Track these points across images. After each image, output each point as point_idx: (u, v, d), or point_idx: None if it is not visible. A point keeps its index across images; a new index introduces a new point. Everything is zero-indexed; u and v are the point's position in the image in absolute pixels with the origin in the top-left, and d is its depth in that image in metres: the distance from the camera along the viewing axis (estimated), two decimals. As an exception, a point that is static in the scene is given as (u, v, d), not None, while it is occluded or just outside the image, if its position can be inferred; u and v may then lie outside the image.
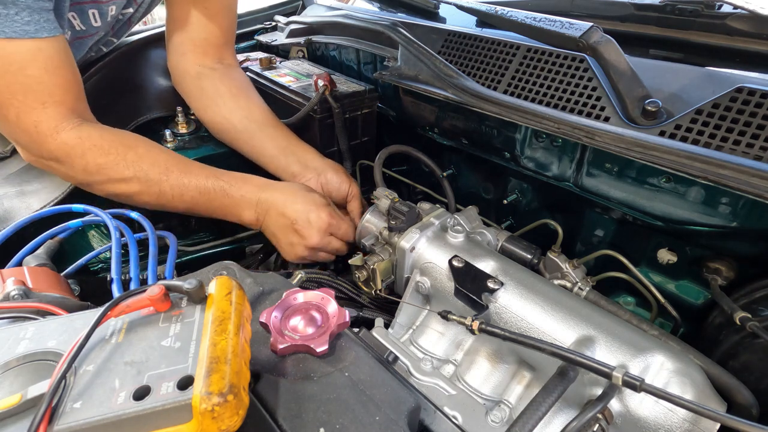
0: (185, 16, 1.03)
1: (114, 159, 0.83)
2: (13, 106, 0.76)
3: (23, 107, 0.76)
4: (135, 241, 0.75)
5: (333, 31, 1.26)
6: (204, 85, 1.07)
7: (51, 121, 0.79)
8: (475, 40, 0.91)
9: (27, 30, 0.71)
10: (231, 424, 0.35)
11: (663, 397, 0.44)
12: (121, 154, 0.83)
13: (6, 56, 0.72)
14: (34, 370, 0.37)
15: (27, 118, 0.77)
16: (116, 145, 0.84)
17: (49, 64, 0.75)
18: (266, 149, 1.05)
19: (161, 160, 0.87)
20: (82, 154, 0.81)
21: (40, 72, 0.75)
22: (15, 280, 0.59)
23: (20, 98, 0.76)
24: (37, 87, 0.76)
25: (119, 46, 1.15)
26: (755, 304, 0.63)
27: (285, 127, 1.08)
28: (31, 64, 0.74)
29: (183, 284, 0.42)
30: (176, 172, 0.87)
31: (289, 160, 1.03)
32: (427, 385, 0.66)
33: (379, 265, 0.79)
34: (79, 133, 0.81)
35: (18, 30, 0.70)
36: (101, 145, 0.82)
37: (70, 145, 0.80)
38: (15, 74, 0.73)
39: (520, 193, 1.00)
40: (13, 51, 0.72)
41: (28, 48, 0.73)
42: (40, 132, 0.79)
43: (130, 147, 0.85)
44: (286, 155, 1.04)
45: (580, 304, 0.65)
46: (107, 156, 0.82)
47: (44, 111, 0.78)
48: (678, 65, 0.73)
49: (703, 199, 0.65)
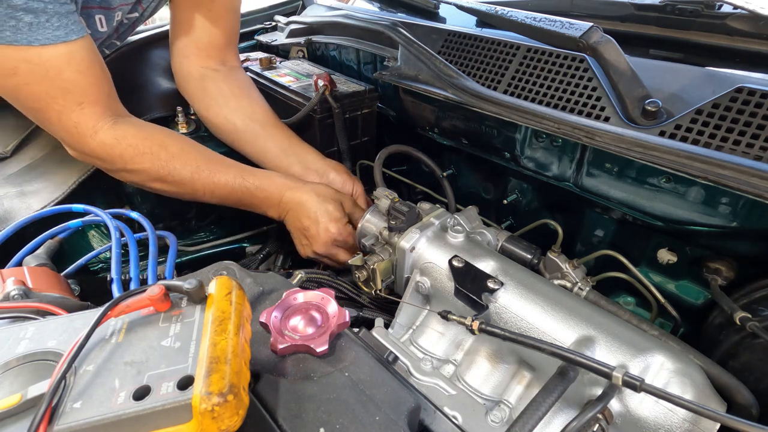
0: (189, 18, 1.04)
1: (149, 159, 0.88)
2: (54, 109, 0.80)
3: (63, 110, 0.80)
4: (135, 241, 0.75)
5: (333, 31, 1.26)
6: (207, 86, 1.08)
7: (89, 122, 0.83)
8: (475, 40, 0.91)
9: (58, 35, 0.74)
10: (231, 424, 0.35)
11: (663, 397, 0.44)
12: (155, 154, 0.88)
13: (43, 63, 0.75)
14: (34, 370, 0.37)
15: (68, 120, 0.82)
16: (150, 144, 0.88)
17: (81, 66, 0.79)
18: (268, 150, 1.06)
19: (192, 160, 0.91)
20: (120, 154, 0.86)
21: (75, 74, 0.78)
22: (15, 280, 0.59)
23: (60, 101, 0.79)
24: (73, 89, 0.79)
25: (119, 47, 1.15)
26: (755, 304, 0.63)
27: (287, 128, 1.09)
28: (67, 68, 0.77)
29: (183, 284, 0.42)
30: (206, 171, 0.92)
31: (291, 161, 1.04)
32: (427, 385, 0.66)
33: (379, 265, 0.79)
34: (115, 132, 0.85)
35: (50, 36, 0.73)
36: (136, 145, 0.87)
37: (108, 145, 0.85)
38: (53, 79, 0.77)
39: (520, 193, 1.00)
40: (49, 57, 0.75)
41: (62, 52, 0.76)
42: (81, 132, 0.83)
43: (163, 146, 0.89)
44: (288, 156, 1.04)
45: (580, 304, 0.65)
46: (143, 155, 0.87)
47: (82, 112, 0.82)
48: (678, 65, 0.73)
49: (703, 199, 0.65)
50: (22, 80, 0.75)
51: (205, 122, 1.12)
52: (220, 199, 0.95)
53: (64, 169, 0.96)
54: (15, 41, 0.70)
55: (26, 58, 0.73)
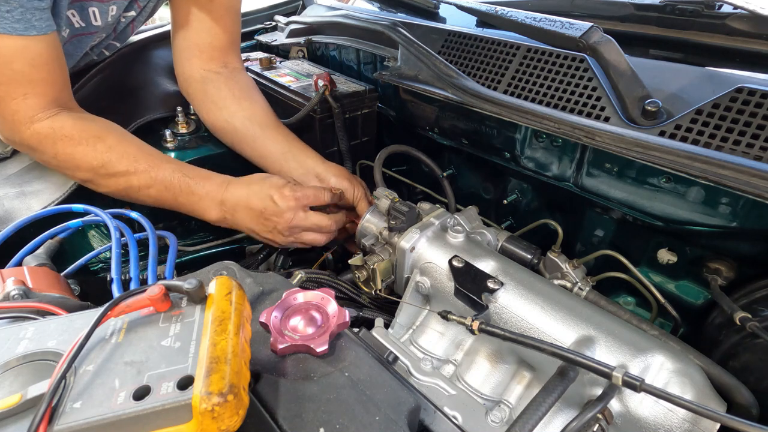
0: (190, 20, 1.04)
1: (83, 149, 0.84)
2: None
3: (5, 96, 0.79)
4: (135, 241, 0.75)
5: (333, 31, 1.26)
6: (208, 89, 1.08)
7: (28, 111, 0.81)
8: (475, 40, 0.91)
9: (16, 27, 0.73)
10: (231, 424, 0.35)
11: (663, 397, 0.44)
12: (90, 145, 0.85)
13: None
14: (34, 370, 0.37)
15: (6, 107, 0.80)
16: (87, 136, 0.85)
17: (36, 60, 0.78)
18: (268, 152, 1.06)
19: (130, 153, 0.88)
20: (53, 144, 0.83)
21: (25, 67, 0.77)
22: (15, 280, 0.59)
23: (3, 88, 0.78)
24: (20, 80, 0.78)
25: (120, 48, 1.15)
26: (755, 304, 0.63)
27: (288, 130, 1.08)
28: (17, 59, 0.76)
29: (183, 284, 0.42)
30: (144, 164, 0.88)
31: (291, 165, 1.04)
32: (427, 385, 0.66)
33: (379, 265, 0.79)
34: (53, 123, 0.83)
35: (7, 27, 0.72)
36: (72, 135, 0.84)
37: (42, 135, 0.82)
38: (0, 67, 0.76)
39: (520, 193, 1.00)
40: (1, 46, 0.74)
41: (15, 44, 0.75)
42: (17, 119, 0.81)
43: (100, 138, 0.86)
44: (287, 159, 1.04)
45: (580, 304, 0.65)
46: (77, 146, 0.84)
47: (24, 101, 0.80)
48: (678, 65, 0.73)
49: (703, 200, 0.65)
50: None
51: (206, 124, 1.12)
52: (157, 197, 0.90)
53: (64, 169, 0.96)
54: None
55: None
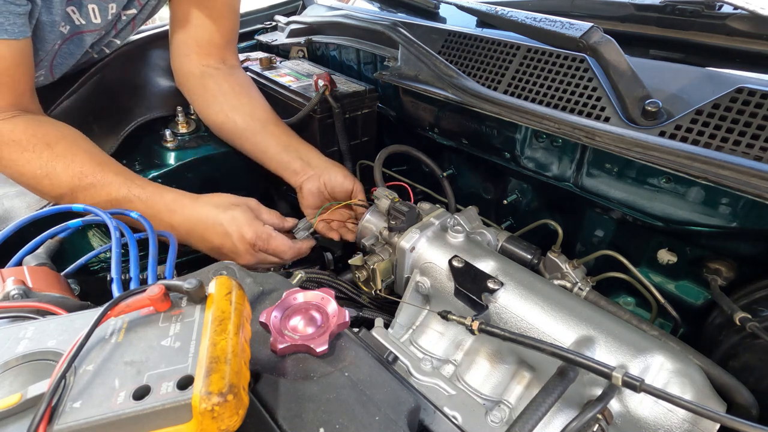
0: (189, 17, 1.04)
1: (29, 156, 0.80)
2: None
3: None
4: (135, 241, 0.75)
5: (333, 31, 1.26)
6: (207, 84, 1.07)
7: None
8: (475, 40, 0.91)
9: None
10: (231, 424, 0.35)
11: (663, 397, 0.44)
12: (37, 152, 0.80)
13: None
14: (33, 370, 0.37)
15: None
16: (35, 142, 0.81)
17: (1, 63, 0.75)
18: (268, 147, 1.05)
19: (77, 163, 0.82)
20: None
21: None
22: (15, 280, 0.59)
23: None
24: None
25: (120, 46, 1.15)
26: (755, 305, 0.63)
27: (287, 126, 1.08)
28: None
29: (183, 284, 0.42)
30: (90, 178, 0.82)
31: (291, 157, 1.03)
32: (427, 385, 0.66)
33: (379, 265, 0.79)
34: (4, 125, 0.80)
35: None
36: (20, 140, 0.80)
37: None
38: None
39: (520, 193, 1.00)
40: None
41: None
42: None
43: (49, 145, 0.81)
44: (288, 152, 1.04)
45: (580, 304, 0.65)
46: (23, 152, 0.80)
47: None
48: (678, 65, 0.73)
49: (703, 200, 0.65)
50: None
51: (205, 120, 1.12)
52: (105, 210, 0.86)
53: (64, 168, 0.96)
54: None
55: None
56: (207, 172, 1.10)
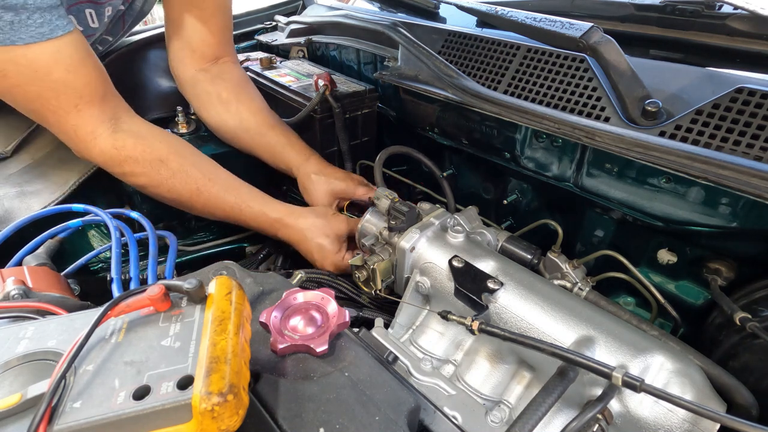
0: (181, 18, 1.03)
1: (148, 174, 0.87)
2: (50, 111, 0.78)
3: (59, 110, 0.78)
4: (135, 241, 0.75)
5: (333, 31, 1.26)
6: (202, 89, 1.08)
7: (87, 126, 0.81)
8: (475, 40, 0.91)
9: (42, 32, 0.70)
10: (231, 424, 0.35)
11: (663, 397, 0.44)
12: (155, 169, 0.87)
13: (29, 63, 0.71)
14: (34, 370, 0.37)
15: (65, 123, 0.80)
16: (149, 159, 0.87)
17: (70, 64, 0.76)
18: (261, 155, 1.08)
19: (192, 180, 0.90)
20: (120, 164, 0.85)
21: (65, 74, 0.75)
22: (15, 280, 0.59)
23: (54, 103, 0.77)
24: (65, 90, 0.77)
25: (118, 48, 1.15)
26: (755, 305, 0.63)
27: (282, 127, 1.09)
28: (55, 67, 0.74)
29: (183, 284, 0.42)
30: (206, 195, 0.91)
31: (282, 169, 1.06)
32: (427, 385, 0.66)
33: (379, 265, 0.79)
34: (115, 141, 0.84)
35: (34, 34, 0.69)
36: (135, 157, 0.86)
37: (108, 155, 0.84)
38: (43, 80, 0.74)
39: (520, 193, 1.00)
40: (35, 57, 0.71)
41: (48, 51, 0.72)
42: (80, 137, 0.82)
43: (163, 162, 0.88)
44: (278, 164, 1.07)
45: (580, 304, 0.65)
46: (142, 168, 0.87)
47: (79, 115, 0.79)
48: (678, 65, 0.73)
49: (703, 200, 0.65)
50: (13, 82, 0.73)
51: (205, 124, 1.12)
52: (218, 219, 0.96)
53: (64, 169, 0.96)
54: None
55: (12, 59, 0.70)
56: (207, 172, 1.10)
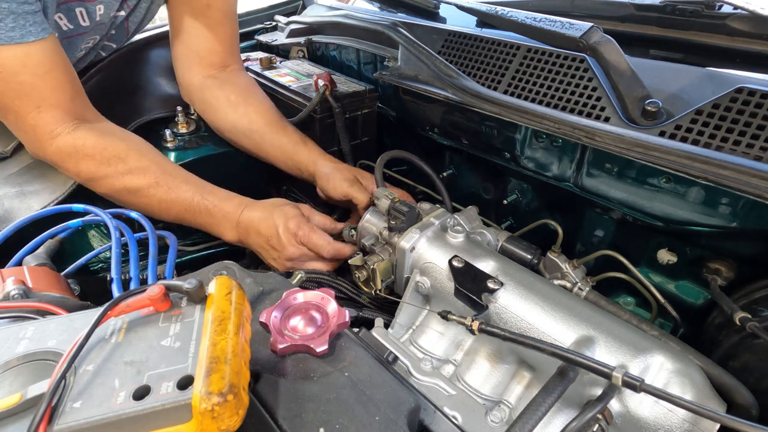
0: (187, 28, 1.04)
1: (105, 170, 0.85)
2: (11, 110, 0.78)
3: (20, 111, 0.78)
4: (135, 241, 0.75)
5: (333, 31, 1.26)
6: (208, 96, 1.08)
7: (47, 126, 0.81)
8: (475, 40, 0.91)
9: (12, 36, 0.71)
10: (231, 424, 0.35)
11: (663, 397, 0.44)
12: (112, 165, 0.86)
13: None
14: (33, 370, 0.37)
15: (24, 122, 0.80)
16: (108, 156, 0.85)
17: (39, 69, 0.76)
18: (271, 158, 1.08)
19: (150, 174, 0.88)
20: (76, 163, 0.84)
21: (32, 78, 0.76)
22: (15, 280, 0.59)
23: (16, 102, 0.77)
24: (30, 92, 0.77)
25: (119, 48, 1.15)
26: (755, 305, 0.63)
27: (292, 128, 1.08)
28: (22, 70, 0.75)
29: (183, 284, 0.42)
30: (164, 187, 0.89)
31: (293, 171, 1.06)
32: (427, 385, 0.66)
33: (379, 265, 0.79)
34: (74, 140, 0.83)
35: (3, 37, 0.70)
36: (93, 155, 0.84)
37: (65, 153, 0.83)
38: (8, 81, 0.74)
39: (520, 193, 1.00)
40: (3, 58, 0.72)
41: (16, 54, 0.73)
42: (38, 135, 0.81)
43: (121, 158, 0.86)
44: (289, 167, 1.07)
45: (580, 304, 0.65)
46: (99, 166, 0.85)
47: (39, 115, 0.79)
48: (678, 65, 0.73)
49: (703, 200, 0.65)
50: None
51: (212, 126, 1.13)
52: (177, 216, 0.92)
53: (64, 169, 0.96)
54: None
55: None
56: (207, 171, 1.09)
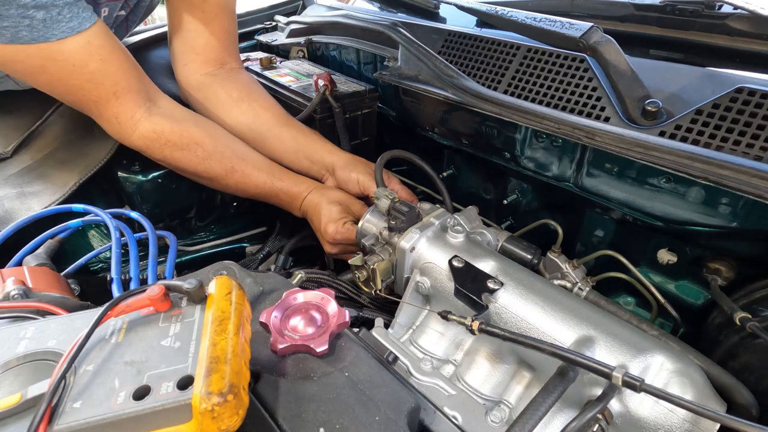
0: (184, 23, 1.03)
1: (187, 156, 0.93)
2: (92, 101, 0.82)
3: (100, 100, 0.83)
4: (135, 241, 0.75)
5: (333, 31, 1.27)
6: (206, 95, 1.08)
7: (127, 112, 0.86)
8: (475, 40, 0.91)
9: (73, 26, 0.73)
10: (231, 424, 0.35)
11: (663, 397, 0.44)
12: (192, 151, 0.93)
13: (66, 58, 0.75)
14: (34, 370, 0.37)
15: (107, 112, 0.85)
16: (187, 141, 0.93)
17: (103, 54, 0.79)
18: (277, 153, 1.07)
19: (227, 160, 0.97)
20: (161, 149, 0.91)
21: (100, 64, 0.79)
22: (15, 280, 0.59)
23: (95, 93, 0.81)
24: (102, 80, 0.81)
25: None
26: (755, 305, 0.63)
27: (297, 124, 1.08)
28: (89, 59, 0.78)
29: (183, 284, 0.42)
30: (239, 172, 0.98)
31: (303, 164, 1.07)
32: (427, 385, 0.66)
33: (379, 265, 0.79)
34: (153, 125, 0.89)
35: (65, 29, 0.73)
36: (174, 142, 0.92)
37: (149, 139, 0.90)
38: (81, 73, 0.78)
39: (520, 193, 1.00)
40: (71, 51, 0.75)
41: (80, 43, 0.76)
42: (122, 124, 0.87)
43: (199, 144, 0.94)
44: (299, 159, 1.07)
45: (580, 304, 0.65)
46: (181, 151, 0.93)
47: (118, 102, 0.84)
48: (678, 65, 0.73)
49: (703, 200, 0.65)
50: (53, 77, 0.77)
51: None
52: (250, 196, 1.02)
53: (64, 170, 0.96)
54: (33, 40, 0.71)
55: (50, 56, 0.74)
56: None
